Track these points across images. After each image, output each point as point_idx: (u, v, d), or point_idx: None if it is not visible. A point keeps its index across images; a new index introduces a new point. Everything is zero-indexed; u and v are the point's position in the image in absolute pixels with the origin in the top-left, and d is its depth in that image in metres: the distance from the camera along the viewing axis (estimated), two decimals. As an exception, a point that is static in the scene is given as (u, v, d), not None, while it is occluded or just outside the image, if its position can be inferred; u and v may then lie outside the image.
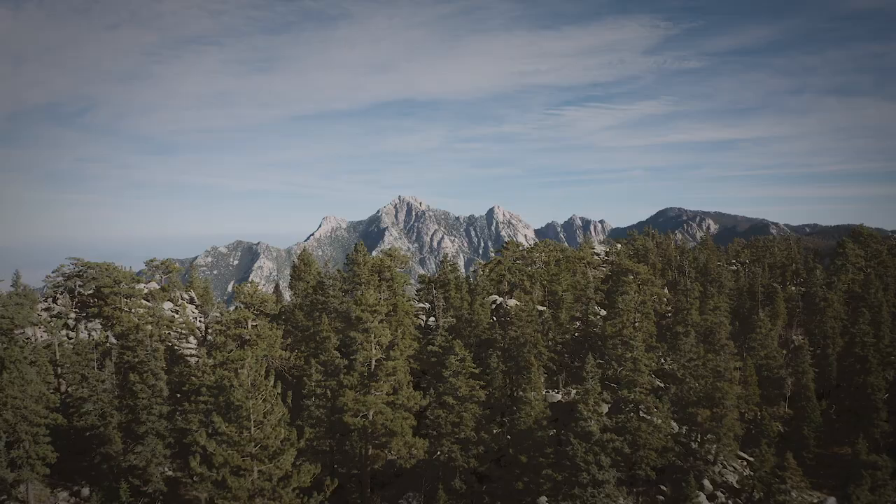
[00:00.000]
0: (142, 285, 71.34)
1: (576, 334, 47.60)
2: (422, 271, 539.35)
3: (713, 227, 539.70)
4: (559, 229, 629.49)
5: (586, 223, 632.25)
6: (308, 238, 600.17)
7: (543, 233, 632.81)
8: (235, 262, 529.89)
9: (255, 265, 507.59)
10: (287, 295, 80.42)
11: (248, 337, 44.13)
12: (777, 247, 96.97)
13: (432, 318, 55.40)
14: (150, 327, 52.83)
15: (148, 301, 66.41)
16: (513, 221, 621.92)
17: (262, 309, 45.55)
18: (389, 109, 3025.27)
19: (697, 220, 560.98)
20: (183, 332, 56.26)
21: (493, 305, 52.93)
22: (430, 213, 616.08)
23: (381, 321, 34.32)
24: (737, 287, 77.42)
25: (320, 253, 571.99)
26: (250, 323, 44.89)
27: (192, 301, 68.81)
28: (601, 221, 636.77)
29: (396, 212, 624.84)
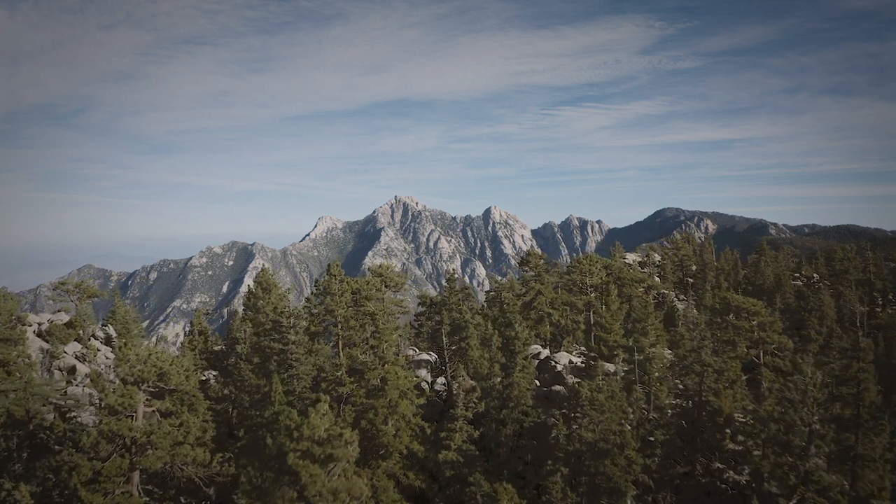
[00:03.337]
0: (46, 316, 53.22)
1: (670, 414, 29.67)
2: (418, 272, 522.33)
3: (711, 228, 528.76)
4: (556, 230, 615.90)
5: (584, 223, 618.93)
6: (304, 238, 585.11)
7: (541, 233, 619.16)
8: (230, 263, 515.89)
9: (251, 266, 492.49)
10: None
11: (136, 435, 26.09)
12: (855, 258, 79.12)
13: (442, 381, 37.46)
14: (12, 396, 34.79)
15: (47, 342, 48.31)
16: (510, 222, 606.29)
17: (161, 385, 27.60)
18: (385, 109, 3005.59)
19: (696, 220, 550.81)
20: (73, 402, 38.14)
21: (535, 361, 35.15)
22: (427, 214, 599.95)
23: (346, 464, 16.16)
24: (820, 311, 59.75)
25: (316, 254, 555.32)
26: (142, 409, 26.81)
27: (108, 340, 50.55)
28: (598, 222, 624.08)
29: (393, 212, 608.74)
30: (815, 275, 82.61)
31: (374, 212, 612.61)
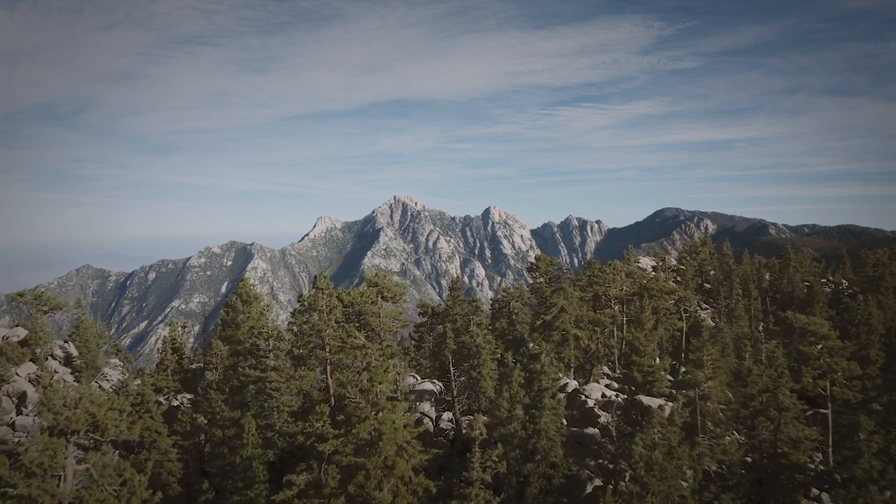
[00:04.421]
0: (1, 332, 47.46)
1: (739, 468, 24.01)
2: (417, 272, 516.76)
3: (711, 228, 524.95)
4: (556, 230, 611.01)
5: (583, 223, 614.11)
6: (302, 238, 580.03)
7: (540, 233, 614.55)
8: (229, 263, 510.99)
9: (249, 266, 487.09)
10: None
11: (62, 502, 20.44)
12: (890, 263, 73.51)
13: (449, 416, 31.72)
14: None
15: (-3, 362, 42.56)
16: (509, 222, 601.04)
17: (97, 437, 21.94)
18: (384, 109, 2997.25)
19: (695, 220, 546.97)
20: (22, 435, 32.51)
21: (562, 396, 29.46)
22: (426, 214, 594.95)
23: None
24: (868, 324, 54.12)
25: (314, 254, 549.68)
26: (71, 468, 21.13)
27: (68, 360, 44.83)
28: (598, 222, 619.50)
29: (392, 212, 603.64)
30: (843, 281, 76.98)
31: (373, 212, 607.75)
